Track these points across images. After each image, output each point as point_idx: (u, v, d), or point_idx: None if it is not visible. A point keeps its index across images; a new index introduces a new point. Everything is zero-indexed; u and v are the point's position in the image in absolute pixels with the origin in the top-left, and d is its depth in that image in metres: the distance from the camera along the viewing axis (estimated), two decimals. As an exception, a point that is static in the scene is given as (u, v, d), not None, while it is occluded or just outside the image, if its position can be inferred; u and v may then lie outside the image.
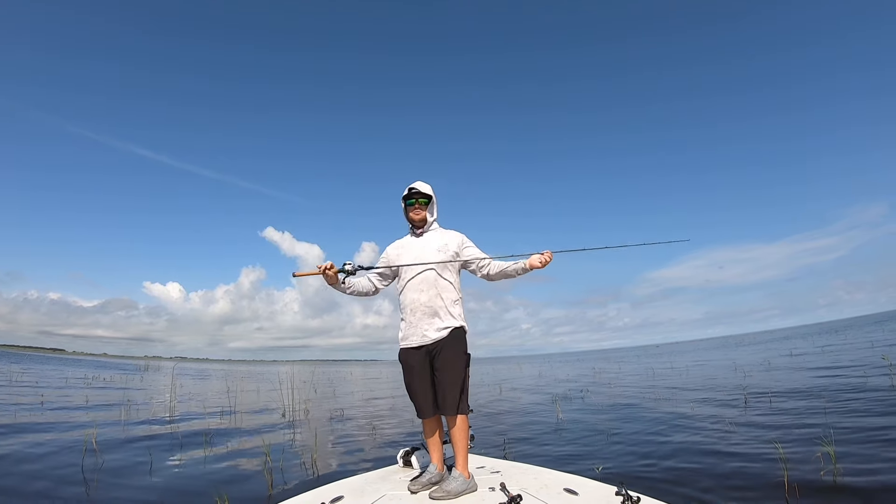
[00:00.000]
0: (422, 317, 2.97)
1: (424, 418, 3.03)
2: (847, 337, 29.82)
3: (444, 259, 3.04)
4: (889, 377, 8.61)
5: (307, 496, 2.82)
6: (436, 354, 2.94)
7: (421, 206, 3.15)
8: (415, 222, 3.17)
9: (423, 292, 3.00)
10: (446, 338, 2.94)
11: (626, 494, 2.37)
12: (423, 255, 3.07)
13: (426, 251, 3.08)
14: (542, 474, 3.07)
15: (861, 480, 3.82)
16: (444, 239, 3.14)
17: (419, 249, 3.10)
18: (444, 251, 3.06)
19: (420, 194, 3.12)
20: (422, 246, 3.12)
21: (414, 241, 3.18)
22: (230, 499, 4.09)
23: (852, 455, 4.42)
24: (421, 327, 2.97)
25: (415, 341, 2.98)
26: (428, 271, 3.03)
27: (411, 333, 3.00)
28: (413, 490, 2.81)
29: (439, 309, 2.97)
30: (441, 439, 3.10)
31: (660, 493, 3.56)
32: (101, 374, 27.49)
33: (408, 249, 3.14)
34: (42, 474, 5.00)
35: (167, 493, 4.51)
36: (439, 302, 2.98)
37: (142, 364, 49.27)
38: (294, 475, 5.10)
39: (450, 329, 2.96)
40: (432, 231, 3.20)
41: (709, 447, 5.29)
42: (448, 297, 3.01)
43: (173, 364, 48.45)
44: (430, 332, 2.95)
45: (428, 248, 3.09)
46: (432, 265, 3.03)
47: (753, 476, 4.19)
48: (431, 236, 3.16)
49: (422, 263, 3.03)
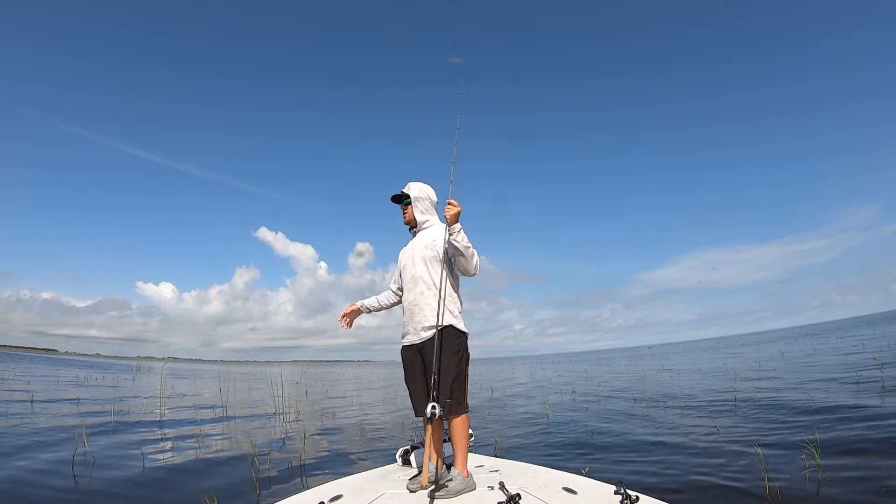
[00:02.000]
0: (411, 315, 3.02)
1: (419, 416, 2.99)
2: (838, 338, 30.01)
3: (429, 255, 3.04)
4: (880, 382, 8.67)
5: (306, 495, 2.79)
6: (425, 353, 2.92)
7: (405, 206, 3.23)
8: (408, 224, 3.26)
9: (411, 291, 3.06)
10: (434, 337, 2.85)
11: (624, 493, 2.35)
12: (413, 254, 3.12)
13: (416, 250, 3.12)
14: (541, 473, 3.06)
15: (845, 489, 3.81)
16: (433, 235, 3.11)
17: (411, 249, 3.17)
18: (431, 247, 3.05)
19: (397, 197, 3.23)
20: (413, 245, 3.18)
21: (411, 241, 3.25)
22: (219, 498, 4.08)
23: (837, 461, 4.41)
24: (413, 326, 3.00)
25: (408, 339, 3.04)
26: (416, 270, 3.05)
27: (406, 332, 3.06)
28: (412, 489, 2.79)
29: (425, 307, 2.95)
30: (440, 438, 3.08)
31: (645, 494, 3.57)
32: (93, 374, 27.25)
33: (407, 251, 3.21)
34: (32, 475, 4.96)
35: (157, 493, 4.49)
36: (423, 300, 2.97)
37: (134, 364, 48.87)
38: (283, 475, 5.09)
39: (438, 328, 2.84)
40: (425, 230, 3.21)
41: (694, 450, 5.31)
42: (435, 295, 2.92)
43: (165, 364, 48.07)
44: (419, 331, 2.96)
45: (418, 246, 3.12)
46: (420, 264, 3.05)
47: (737, 480, 4.20)
48: (423, 234, 3.18)
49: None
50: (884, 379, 8.72)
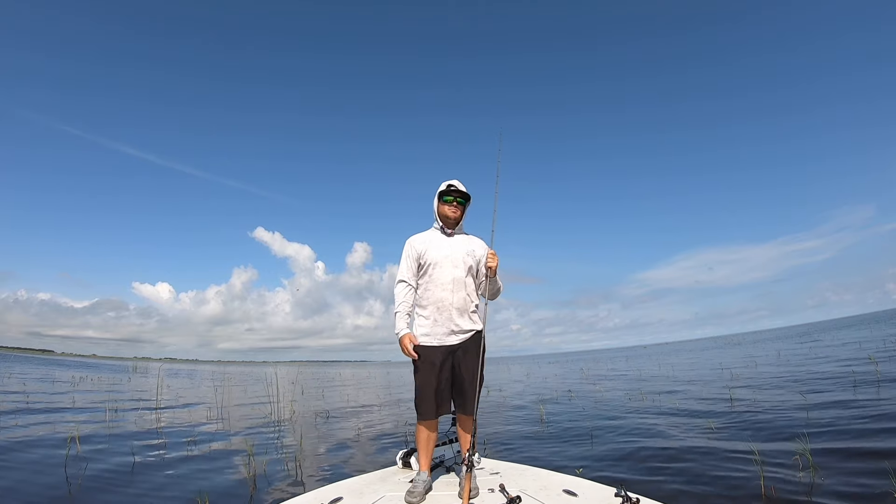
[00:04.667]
0: (449, 317, 2.98)
1: (431, 419, 2.98)
2: (834, 338, 30.14)
3: (471, 264, 3.09)
4: (876, 385, 8.70)
5: (306, 497, 2.78)
6: (458, 355, 2.98)
7: (458, 205, 3.11)
8: (449, 220, 3.11)
9: (453, 293, 3.00)
10: (470, 339, 3.00)
11: (625, 496, 2.35)
12: (452, 255, 3.05)
13: (456, 252, 3.06)
14: (542, 475, 3.06)
15: (839, 489, 3.82)
16: (472, 245, 3.14)
17: (448, 249, 3.06)
18: (472, 256, 3.09)
19: (459, 193, 3.07)
20: (451, 246, 3.08)
21: (443, 238, 3.11)
22: (211, 500, 4.07)
23: (830, 461, 4.42)
24: (448, 327, 2.97)
25: (439, 340, 2.97)
26: (459, 272, 3.03)
27: (437, 332, 2.98)
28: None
29: (466, 311, 3.03)
30: (435, 443, 3.08)
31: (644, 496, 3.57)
32: (89, 375, 27.14)
33: (436, 246, 3.06)
34: (25, 475, 4.94)
35: (149, 494, 4.47)
36: (466, 305, 3.04)
37: (130, 365, 48.71)
38: (278, 477, 5.07)
39: (473, 332, 3.03)
40: (464, 235, 3.19)
41: (691, 450, 5.32)
42: (473, 301, 3.08)
43: (161, 365, 47.91)
44: (457, 333, 2.98)
45: (458, 249, 3.07)
46: (463, 268, 3.05)
47: (733, 480, 4.21)
48: (461, 239, 3.14)
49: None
50: (879, 379, 8.77)
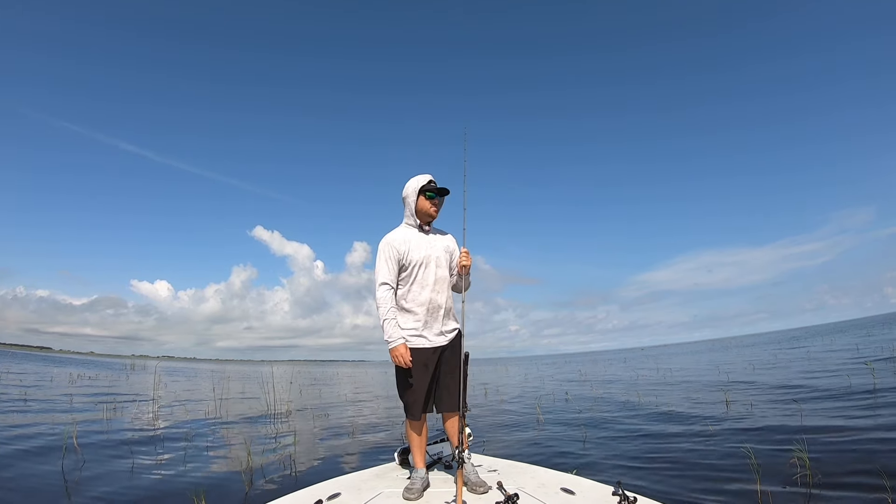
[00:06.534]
0: (437, 318, 2.93)
1: (419, 418, 2.95)
2: (831, 341, 30.16)
3: (450, 262, 3.04)
4: (873, 392, 8.71)
5: (304, 492, 2.77)
6: (446, 355, 2.94)
7: (439, 202, 3.00)
8: (431, 217, 2.99)
9: (440, 293, 2.94)
10: (455, 339, 2.98)
11: (622, 494, 2.34)
12: (432, 253, 2.95)
13: (435, 250, 2.96)
14: (539, 473, 3.04)
15: (836, 490, 3.83)
16: (447, 241, 3.07)
17: (428, 247, 2.95)
18: (449, 253, 3.04)
19: (441, 189, 2.95)
20: (431, 245, 2.97)
21: (422, 237, 2.98)
22: (207, 497, 4.07)
23: (828, 462, 4.43)
24: (437, 328, 2.93)
25: (429, 342, 2.90)
26: (443, 272, 2.97)
27: (427, 333, 2.91)
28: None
29: (450, 311, 3.01)
30: (427, 440, 3.08)
31: (641, 495, 3.58)
32: (87, 372, 27.11)
33: (417, 245, 2.93)
34: (22, 474, 4.94)
35: (146, 491, 4.49)
36: (450, 304, 3.02)
37: (128, 363, 48.62)
38: (274, 474, 5.09)
39: (457, 331, 2.99)
40: (440, 232, 3.11)
41: (685, 450, 5.35)
42: (453, 300, 3.05)
43: (159, 363, 47.83)
44: (445, 333, 2.95)
45: (437, 247, 2.98)
46: (445, 266, 2.99)
47: (729, 481, 4.23)
48: (440, 237, 3.07)
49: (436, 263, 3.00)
50: (875, 382, 8.78)
